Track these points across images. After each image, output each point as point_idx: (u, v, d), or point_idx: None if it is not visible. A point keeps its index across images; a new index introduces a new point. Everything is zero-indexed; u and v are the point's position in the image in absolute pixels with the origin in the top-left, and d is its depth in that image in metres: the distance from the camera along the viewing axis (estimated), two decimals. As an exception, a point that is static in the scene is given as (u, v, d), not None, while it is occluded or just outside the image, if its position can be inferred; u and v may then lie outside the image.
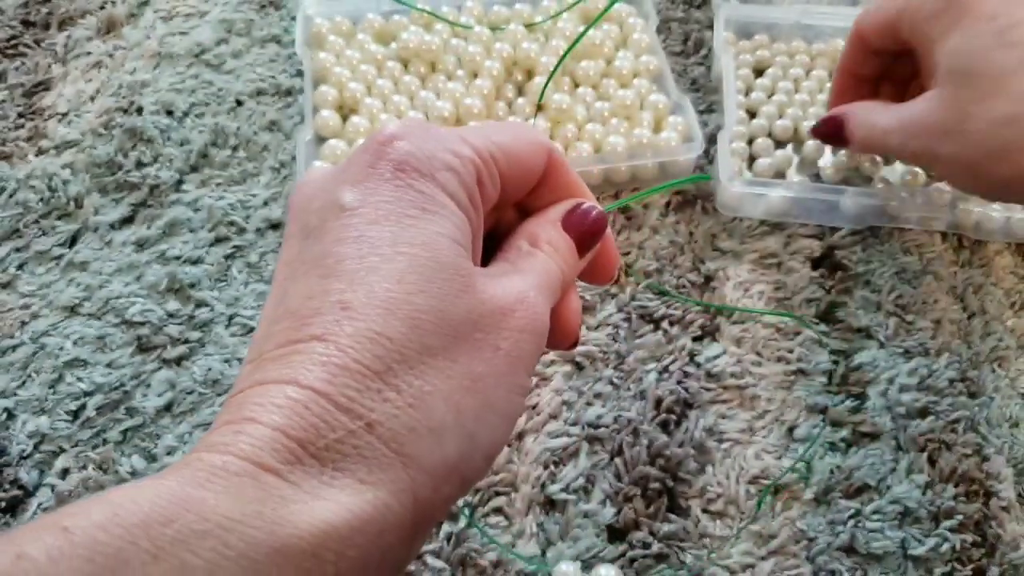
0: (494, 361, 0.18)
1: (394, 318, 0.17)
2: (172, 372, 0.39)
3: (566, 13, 0.50)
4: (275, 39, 0.53)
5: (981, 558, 0.34)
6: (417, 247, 0.18)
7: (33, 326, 0.41)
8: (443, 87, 0.47)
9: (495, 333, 0.19)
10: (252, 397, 0.16)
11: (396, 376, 0.17)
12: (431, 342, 0.17)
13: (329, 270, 0.18)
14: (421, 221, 0.18)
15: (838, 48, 0.50)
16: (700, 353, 0.40)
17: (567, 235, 0.23)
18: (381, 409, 0.16)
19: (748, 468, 0.36)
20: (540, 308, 0.20)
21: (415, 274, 0.18)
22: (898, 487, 0.36)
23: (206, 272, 0.43)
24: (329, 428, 0.16)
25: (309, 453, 0.16)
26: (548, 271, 0.21)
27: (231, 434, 0.16)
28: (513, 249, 0.22)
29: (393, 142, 0.19)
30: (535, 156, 0.22)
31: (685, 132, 0.46)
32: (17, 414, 0.38)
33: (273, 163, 0.47)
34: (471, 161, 0.20)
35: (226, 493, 0.15)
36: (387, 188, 0.19)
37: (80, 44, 0.53)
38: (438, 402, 0.17)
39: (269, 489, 0.15)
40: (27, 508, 0.35)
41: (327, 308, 0.17)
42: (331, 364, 0.16)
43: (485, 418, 0.18)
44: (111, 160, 0.47)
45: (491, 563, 0.34)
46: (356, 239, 0.18)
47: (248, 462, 0.15)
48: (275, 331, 0.18)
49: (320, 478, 0.16)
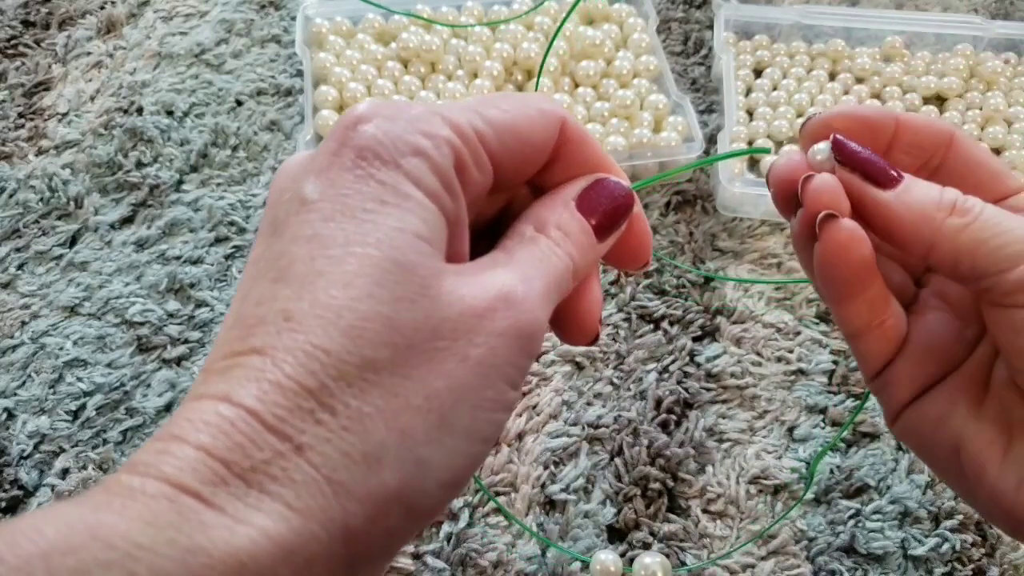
0: (457, 373, 0.16)
1: (334, 328, 0.15)
2: (172, 372, 0.39)
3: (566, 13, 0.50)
4: (275, 39, 0.53)
5: (981, 558, 0.34)
6: (370, 246, 0.16)
7: (33, 326, 0.41)
8: (443, 87, 0.47)
9: (464, 340, 0.16)
10: (184, 413, 0.15)
11: (332, 395, 0.15)
12: (376, 355, 0.16)
13: (281, 273, 0.16)
14: (379, 216, 0.16)
15: (838, 48, 0.50)
16: (700, 353, 0.40)
17: (582, 217, 0.20)
18: (312, 431, 0.15)
19: (748, 468, 0.36)
20: (529, 305, 0.17)
21: (364, 277, 0.16)
22: (898, 487, 0.36)
23: (206, 272, 0.43)
24: (256, 448, 0.15)
25: (234, 473, 0.15)
26: (550, 261, 0.19)
27: (154, 454, 0.15)
28: (515, 236, 0.19)
29: (358, 126, 0.17)
30: (542, 128, 0.19)
31: (685, 132, 0.46)
32: (17, 414, 0.38)
33: (273, 163, 0.47)
34: (447, 142, 0.18)
35: (139, 518, 0.14)
36: (347, 178, 0.17)
37: (80, 44, 0.53)
38: (378, 424, 0.15)
39: (187, 513, 0.14)
40: (27, 508, 0.35)
41: (271, 317, 0.16)
42: (264, 380, 0.15)
43: (440, 440, 0.16)
44: (111, 160, 0.47)
45: (491, 563, 0.34)
46: (309, 238, 0.16)
47: (167, 483, 0.14)
48: (225, 339, 0.17)
49: (246, 500, 0.14)
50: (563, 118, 0.20)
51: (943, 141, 0.22)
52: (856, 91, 0.49)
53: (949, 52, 0.51)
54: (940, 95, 0.49)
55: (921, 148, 0.22)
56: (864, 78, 0.50)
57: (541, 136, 0.20)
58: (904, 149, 0.22)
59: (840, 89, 0.49)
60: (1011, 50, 0.51)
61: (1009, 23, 0.52)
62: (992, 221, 0.19)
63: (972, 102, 0.48)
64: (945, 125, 0.22)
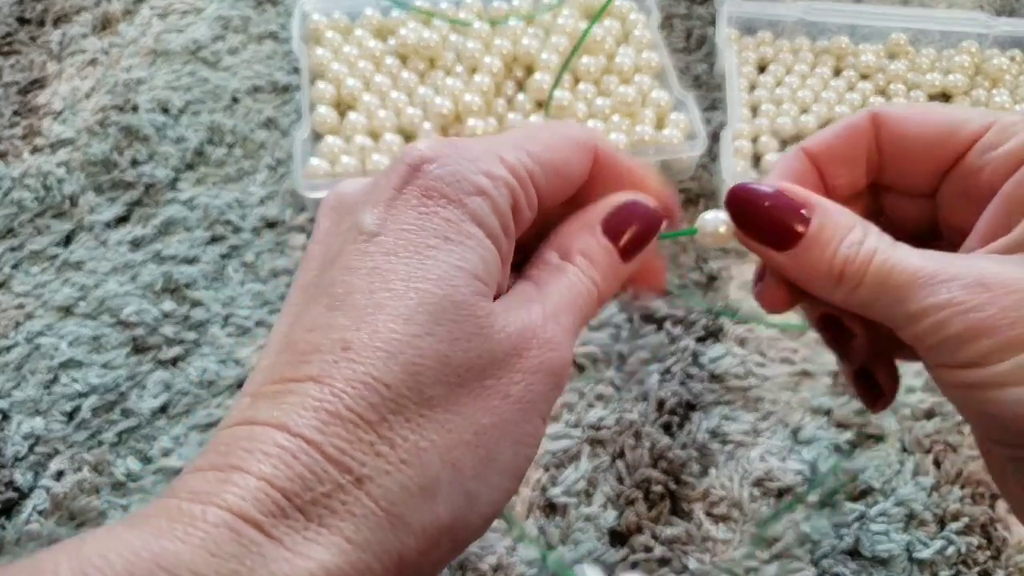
0: (501, 410, 0.17)
1: (395, 363, 0.16)
2: (167, 373, 0.39)
3: (567, 9, 0.50)
4: (272, 35, 0.53)
5: (987, 561, 0.34)
6: (431, 282, 0.17)
7: (28, 326, 0.40)
8: (442, 83, 0.47)
9: (506, 378, 0.17)
10: (241, 440, 0.16)
11: (391, 428, 0.16)
12: (432, 392, 0.16)
13: (337, 302, 0.17)
14: (442, 252, 0.17)
15: (842, 45, 0.50)
16: (703, 354, 0.39)
17: (608, 240, 0.20)
18: (372, 464, 0.15)
19: (752, 471, 0.36)
20: (557, 343, 0.18)
21: (424, 314, 0.16)
22: (903, 489, 0.35)
23: (202, 272, 0.42)
24: (317, 480, 0.15)
25: (295, 506, 0.15)
26: (577, 290, 0.19)
27: (216, 482, 0.15)
28: (540, 263, 0.20)
29: (423, 165, 0.18)
30: (579, 161, 0.20)
31: (687, 129, 0.46)
32: (12, 415, 0.37)
33: (270, 161, 0.47)
34: (505, 184, 0.18)
35: (202, 547, 0.14)
36: (411, 215, 0.17)
37: (75, 41, 0.53)
38: (434, 459, 0.16)
39: (248, 544, 0.14)
40: (22, 510, 0.35)
41: (327, 346, 0.16)
42: (323, 410, 0.15)
43: (486, 476, 0.17)
44: (106, 158, 0.46)
45: (491, 567, 0.33)
46: (370, 270, 0.17)
47: (230, 513, 0.14)
48: (275, 363, 0.17)
49: (304, 533, 0.15)
50: (596, 144, 0.20)
51: (865, 130, 0.21)
52: (860, 88, 0.48)
53: (954, 49, 0.50)
54: (945, 92, 0.49)
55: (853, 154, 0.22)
56: (868, 75, 0.49)
57: (579, 169, 0.20)
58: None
59: (844, 86, 0.48)
60: (1016, 47, 0.50)
61: (1014, 20, 0.51)
62: (875, 281, 0.19)
63: (977, 99, 0.48)
64: (860, 113, 0.22)
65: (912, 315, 0.18)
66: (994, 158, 0.19)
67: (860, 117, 0.21)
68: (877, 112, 0.21)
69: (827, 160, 0.22)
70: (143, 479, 0.36)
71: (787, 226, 0.20)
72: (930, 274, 0.18)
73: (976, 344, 0.17)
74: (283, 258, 0.43)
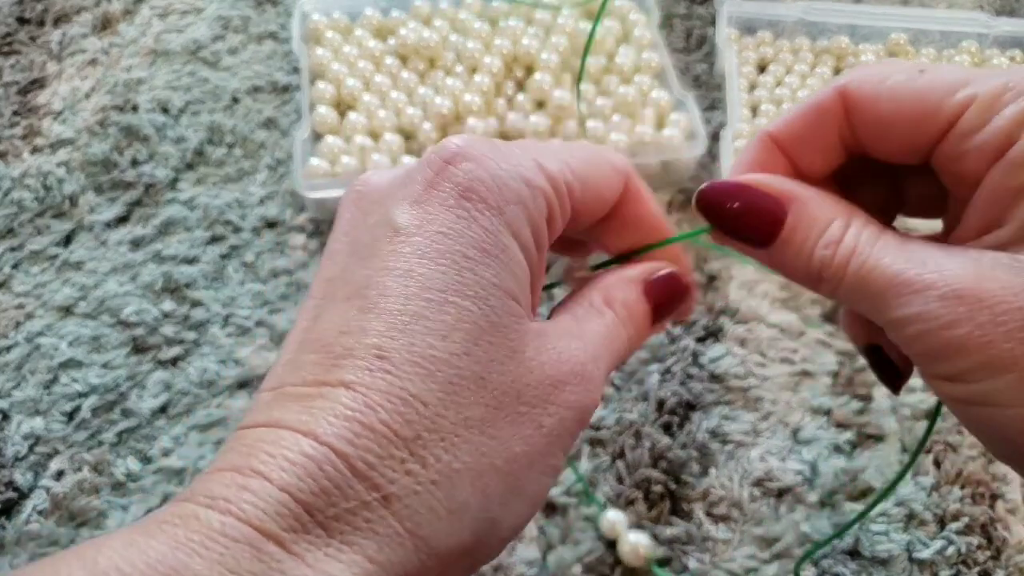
0: (533, 440, 0.17)
1: (433, 381, 0.16)
2: (167, 373, 0.39)
3: (567, 9, 0.50)
4: (272, 35, 0.53)
5: (987, 561, 0.34)
6: (469, 299, 0.16)
7: (28, 326, 0.40)
8: (442, 83, 0.47)
9: (540, 408, 0.17)
10: (264, 443, 0.15)
11: (424, 447, 0.15)
12: (469, 413, 0.16)
13: (370, 303, 0.16)
14: (480, 266, 0.16)
15: (842, 45, 0.50)
16: (703, 354, 0.39)
17: (647, 301, 0.20)
18: (402, 482, 0.15)
19: (752, 471, 0.36)
20: (595, 384, 0.18)
21: (462, 332, 0.16)
22: (903, 489, 0.35)
23: (202, 272, 0.42)
24: (342, 496, 0.15)
25: (317, 521, 0.14)
26: (616, 337, 0.19)
27: (235, 488, 0.14)
28: (584, 303, 0.20)
29: (460, 162, 0.17)
30: (612, 184, 0.20)
31: (688, 129, 0.45)
32: (12, 415, 0.37)
33: (270, 161, 0.47)
34: (543, 194, 0.18)
35: (221, 563, 0.14)
36: (448, 217, 0.17)
37: (75, 41, 0.53)
38: (465, 482, 0.16)
39: (268, 561, 0.14)
40: (22, 510, 0.35)
41: (361, 351, 0.16)
42: (355, 421, 0.15)
43: (510, 503, 0.16)
44: (106, 158, 0.46)
45: (491, 567, 0.33)
46: (405, 273, 0.16)
47: (249, 526, 0.14)
48: (302, 362, 0.16)
49: (325, 550, 0.14)
50: (628, 174, 0.20)
51: (833, 109, 0.19)
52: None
53: (954, 49, 0.50)
54: (945, 92, 0.49)
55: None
56: (868, 75, 0.49)
57: (611, 192, 0.20)
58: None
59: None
60: (1016, 47, 0.50)
61: (1014, 20, 0.51)
62: (854, 285, 0.18)
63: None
64: (826, 92, 0.19)
65: (892, 322, 0.18)
66: (976, 146, 0.18)
67: (826, 97, 0.19)
68: (844, 89, 0.19)
69: (794, 145, 0.20)
70: (143, 479, 0.36)
71: (760, 226, 0.19)
72: (906, 282, 0.17)
73: (955, 361, 0.17)
74: (283, 258, 0.43)
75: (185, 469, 0.36)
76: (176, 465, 0.36)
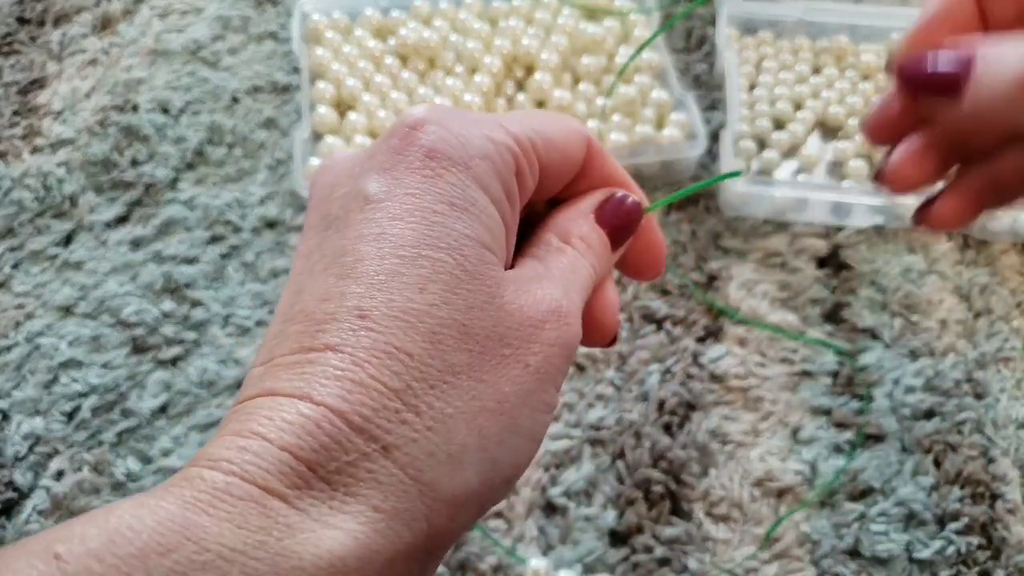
0: (522, 379, 0.17)
1: (415, 332, 0.16)
2: (167, 373, 0.39)
3: (567, 8, 0.50)
4: (272, 35, 0.53)
5: (987, 561, 0.34)
6: (443, 251, 0.17)
7: (28, 326, 0.40)
8: (442, 83, 0.47)
9: (524, 348, 0.17)
10: (262, 408, 0.15)
11: (416, 396, 0.16)
12: (454, 359, 0.16)
13: (347, 269, 0.17)
14: (449, 219, 0.17)
15: (842, 45, 0.50)
16: (703, 354, 0.39)
17: (600, 228, 0.21)
18: (399, 431, 0.15)
19: (752, 471, 0.36)
20: (572, 318, 0.19)
21: (438, 283, 0.17)
22: (903, 489, 0.35)
23: (201, 272, 0.42)
24: (342, 450, 0.15)
25: (319, 476, 0.15)
26: (579, 271, 0.20)
27: (236, 450, 0.15)
28: (542, 244, 0.20)
29: (423, 126, 0.18)
30: (575, 145, 0.21)
31: (688, 129, 0.45)
32: (12, 415, 0.37)
33: (270, 161, 0.47)
34: (508, 149, 0.18)
35: (228, 520, 0.14)
36: (415, 178, 0.17)
37: (75, 41, 0.53)
38: (460, 425, 0.16)
39: (275, 516, 0.14)
40: (22, 510, 0.35)
41: (343, 314, 0.16)
42: (346, 379, 0.15)
43: (509, 441, 0.17)
44: (106, 158, 0.46)
45: (491, 567, 0.33)
46: (378, 236, 0.17)
47: (254, 485, 0.14)
48: (288, 332, 0.17)
49: (330, 503, 0.15)
50: (588, 137, 0.21)
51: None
52: (861, 89, 0.48)
53: (954, 48, 0.50)
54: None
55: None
56: (869, 75, 0.49)
57: (576, 152, 0.21)
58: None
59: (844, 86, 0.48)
60: (1017, 46, 0.50)
61: (1015, 19, 0.51)
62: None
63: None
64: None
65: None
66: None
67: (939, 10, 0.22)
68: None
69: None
70: (143, 479, 0.36)
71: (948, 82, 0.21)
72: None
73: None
74: (283, 258, 0.43)
75: (185, 469, 0.36)
76: (176, 465, 0.36)
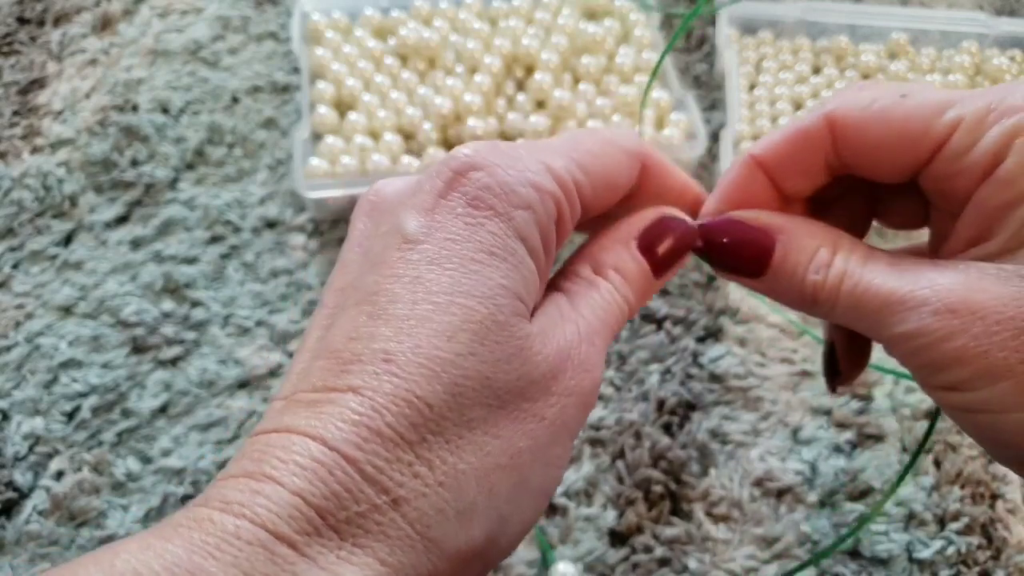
0: (536, 433, 0.17)
1: (438, 382, 0.16)
2: (167, 373, 0.39)
3: (567, 9, 0.50)
4: (272, 35, 0.53)
5: (987, 561, 0.34)
6: (475, 299, 0.16)
7: (28, 326, 0.40)
8: (442, 83, 0.47)
9: (542, 401, 0.17)
10: (276, 448, 0.15)
11: (430, 449, 0.16)
12: (473, 414, 0.16)
13: (379, 310, 0.17)
14: (487, 268, 0.17)
15: (842, 45, 0.50)
16: (703, 354, 0.39)
17: (642, 257, 0.20)
18: (410, 485, 0.15)
19: (752, 471, 0.36)
20: (591, 364, 0.18)
21: (468, 332, 0.16)
22: (903, 489, 0.35)
23: (201, 272, 0.42)
24: (353, 499, 0.15)
25: (328, 525, 0.15)
26: (610, 309, 0.19)
27: (249, 493, 0.15)
28: (572, 276, 0.20)
29: (469, 172, 0.18)
30: (628, 169, 0.20)
31: (688, 129, 0.45)
32: (12, 415, 0.37)
33: (270, 161, 0.47)
34: (551, 196, 0.18)
35: (235, 565, 0.14)
36: (456, 224, 0.17)
37: (75, 41, 0.53)
38: (471, 482, 0.16)
39: (282, 563, 0.14)
40: (22, 510, 0.35)
41: (369, 356, 0.16)
42: (363, 426, 0.15)
43: (518, 498, 0.17)
44: (106, 158, 0.46)
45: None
46: (413, 279, 0.17)
47: (263, 530, 0.14)
48: (313, 368, 0.17)
49: (338, 552, 0.15)
50: (644, 155, 0.20)
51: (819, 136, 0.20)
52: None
53: (954, 49, 0.50)
54: (945, 92, 0.49)
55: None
56: (869, 75, 0.49)
57: (626, 178, 0.20)
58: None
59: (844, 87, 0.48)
60: (1016, 47, 0.50)
61: (1015, 20, 0.51)
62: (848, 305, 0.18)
63: (977, 99, 0.48)
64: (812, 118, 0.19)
65: (890, 339, 0.18)
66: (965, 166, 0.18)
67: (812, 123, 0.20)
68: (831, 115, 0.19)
69: (778, 168, 0.20)
70: (143, 479, 0.36)
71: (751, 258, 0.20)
72: (900, 300, 0.18)
73: (952, 371, 0.17)
74: (283, 258, 0.43)
75: (185, 469, 0.36)
76: (176, 465, 0.36)
